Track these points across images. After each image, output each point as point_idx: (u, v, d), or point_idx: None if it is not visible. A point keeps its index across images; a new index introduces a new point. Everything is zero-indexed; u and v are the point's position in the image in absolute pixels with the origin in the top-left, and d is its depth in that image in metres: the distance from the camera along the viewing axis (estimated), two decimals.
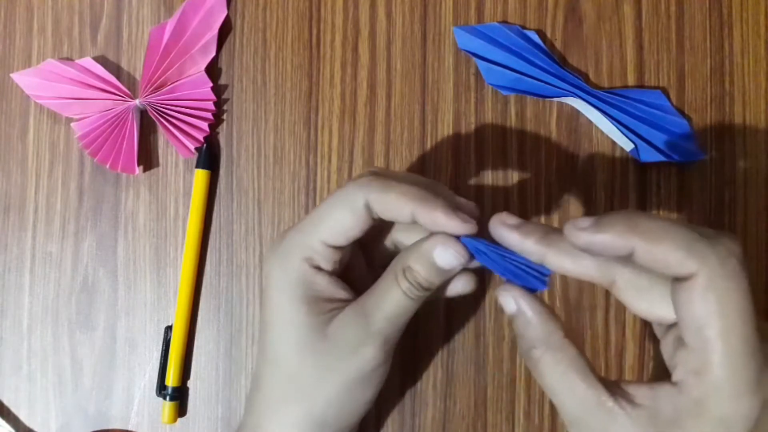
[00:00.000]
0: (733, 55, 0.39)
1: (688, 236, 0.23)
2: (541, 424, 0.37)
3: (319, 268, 0.30)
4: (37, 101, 0.39)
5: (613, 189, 0.38)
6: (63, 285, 0.39)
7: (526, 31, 0.38)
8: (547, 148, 0.38)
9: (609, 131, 0.38)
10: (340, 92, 0.39)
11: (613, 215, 0.25)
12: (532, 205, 0.38)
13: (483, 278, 0.38)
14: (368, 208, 0.28)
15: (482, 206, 0.38)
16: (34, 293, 0.39)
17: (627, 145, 0.37)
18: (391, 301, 0.29)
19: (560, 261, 0.26)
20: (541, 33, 0.38)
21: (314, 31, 0.39)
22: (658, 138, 0.37)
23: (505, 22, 0.39)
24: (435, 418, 0.38)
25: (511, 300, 0.27)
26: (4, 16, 0.40)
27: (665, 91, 0.38)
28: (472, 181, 0.38)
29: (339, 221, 0.28)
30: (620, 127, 0.37)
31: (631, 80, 0.39)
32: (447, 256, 0.28)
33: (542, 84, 0.37)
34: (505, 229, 0.27)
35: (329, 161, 0.39)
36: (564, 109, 0.39)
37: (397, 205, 0.28)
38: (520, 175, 0.38)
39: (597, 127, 0.38)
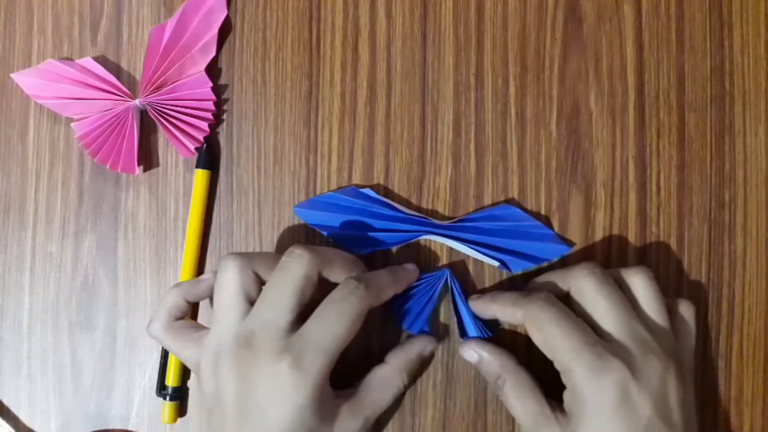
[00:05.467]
0: (733, 55, 0.39)
1: (516, 297, 0.34)
2: None
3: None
4: (37, 101, 0.39)
5: (613, 189, 0.38)
6: (63, 285, 0.39)
7: (361, 190, 0.37)
8: (547, 148, 0.38)
9: (472, 255, 0.37)
10: (340, 92, 0.39)
11: (485, 295, 0.37)
12: (533, 205, 0.38)
13: (480, 282, 0.38)
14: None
15: (483, 207, 0.38)
16: (34, 293, 0.39)
17: (493, 262, 0.37)
18: (386, 401, 0.34)
19: (494, 308, 0.36)
20: (374, 187, 0.38)
21: (314, 31, 0.39)
22: (523, 246, 0.37)
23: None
24: (435, 418, 0.38)
25: (472, 352, 0.36)
26: (4, 16, 0.40)
27: (513, 201, 0.38)
28: (472, 181, 0.38)
29: (352, 332, 0.32)
30: (480, 248, 0.37)
31: (631, 80, 0.39)
32: (432, 347, 0.37)
33: (395, 233, 0.37)
34: (472, 302, 0.37)
35: (329, 161, 0.39)
36: (564, 110, 0.39)
37: (387, 297, 0.34)
38: (520, 175, 0.38)
39: (597, 127, 0.38)
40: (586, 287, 0.33)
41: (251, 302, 0.33)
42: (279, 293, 0.32)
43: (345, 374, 0.35)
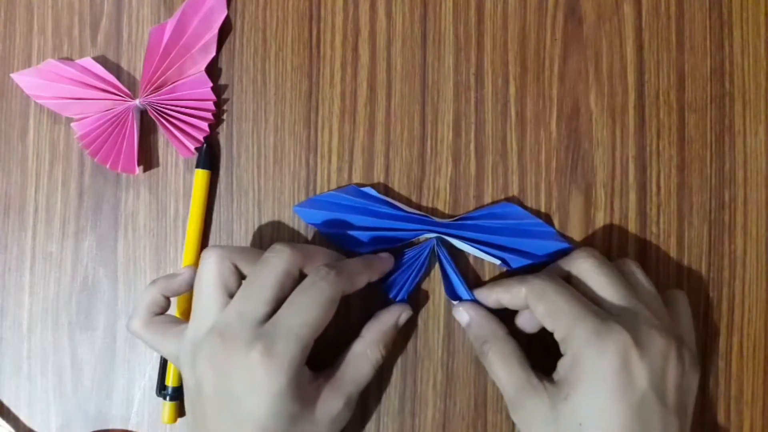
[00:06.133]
0: (733, 55, 0.39)
1: (518, 277, 0.34)
2: None
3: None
4: (37, 101, 0.39)
5: (613, 189, 0.38)
6: (63, 285, 0.39)
7: (362, 189, 0.37)
8: (547, 148, 0.38)
9: (473, 253, 0.37)
10: (340, 92, 0.39)
11: (487, 285, 0.36)
12: (533, 205, 0.38)
13: (480, 281, 0.38)
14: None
15: (483, 206, 0.38)
16: (34, 293, 0.39)
17: (493, 260, 0.37)
18: (366, 376, 0.34)
19: (497, 291, 0.35)
20: (375, 187, 0.38)
21: (314, 31, 0.39)
22: (523, 244, 0.37)
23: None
24: (435, 418, 0.38)
25: (464, 312, 0.36)
26: (4, 16, 0.40)
27: (513, 199, 0.38)
28: (472, 181, 0.38)
29: (325, 318, 0.32)
30: (481, 246, 0.37)
31: (631, 80, 0.39)
32: (407, 315, 0.36)
33: (395, 232, 0.37)
34: (477, 292, 0.36)
35: (329, 161, 0.39)
36: (564, 110, 0.39)
37: (361, 284, 0.34)
38: (520, 175, 0.38)
39: (597, 127, 0.38)
40: (586, 267, 0.34)
41: (230, 295, 0.33)
42: (257, 286, 0.32)
43: (328, 355, 0.35)
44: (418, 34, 0.39)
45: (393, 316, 0.36)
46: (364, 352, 0.34)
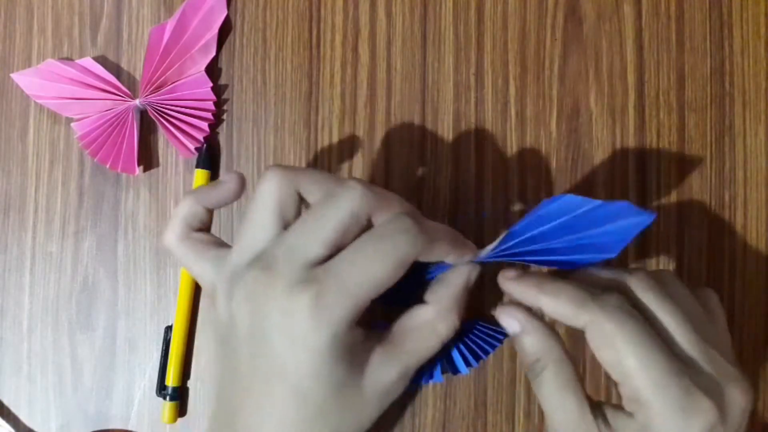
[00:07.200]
0: (733, 55, 0.39)
1: (579, 295, 0.28)
2: (541, 424, 0.37)
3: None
4: (37, 101, 0.39)
5: (613, 189, 0.38)
6: (63, 285, 0.39)
7: None
8: (547, 148, 0.39)
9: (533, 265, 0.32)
10: (340, 92, 0.39)
11: (528, 276, 0.30)
12: (533, 205, 0.38)
13: (481, 279, 0.38)
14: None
15: (483, 206, 0.38)
16: (34, 293, 0.39)
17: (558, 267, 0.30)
18: (431, 350, 0.29)
19: (545, 301, 0.29)
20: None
21: (314, 31, 0.39)
22: (593, 236, 0.28)
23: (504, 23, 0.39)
24: (435, 418, 0.38)
25: (513, 320, 0.29)
26: (4, 16, 0.40)
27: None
28: (472, 181, 0.38)
29: (391, 280, 0.26)
30: (540, 257, 0.29)
31: (631, 80, 0.39)
32: (476, 272, 0.30)
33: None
34: (509, 282, 0.30)
35: (329, 161, 0.39)
36: (564, 110, 0.39)
37: (438, 257, 0.28)
38: (520, 175, 0.38)
39: (597, 127, 0.38)
40: (651, 298, 0.28)
41: (286, 225, 0.28)
42: (319, 222, 0.27)
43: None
44: (418, 34, 0.39)
45: (462, 275, 0.29)
46: (431, 323, 0.28)
